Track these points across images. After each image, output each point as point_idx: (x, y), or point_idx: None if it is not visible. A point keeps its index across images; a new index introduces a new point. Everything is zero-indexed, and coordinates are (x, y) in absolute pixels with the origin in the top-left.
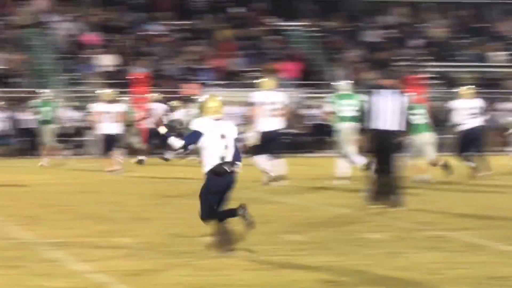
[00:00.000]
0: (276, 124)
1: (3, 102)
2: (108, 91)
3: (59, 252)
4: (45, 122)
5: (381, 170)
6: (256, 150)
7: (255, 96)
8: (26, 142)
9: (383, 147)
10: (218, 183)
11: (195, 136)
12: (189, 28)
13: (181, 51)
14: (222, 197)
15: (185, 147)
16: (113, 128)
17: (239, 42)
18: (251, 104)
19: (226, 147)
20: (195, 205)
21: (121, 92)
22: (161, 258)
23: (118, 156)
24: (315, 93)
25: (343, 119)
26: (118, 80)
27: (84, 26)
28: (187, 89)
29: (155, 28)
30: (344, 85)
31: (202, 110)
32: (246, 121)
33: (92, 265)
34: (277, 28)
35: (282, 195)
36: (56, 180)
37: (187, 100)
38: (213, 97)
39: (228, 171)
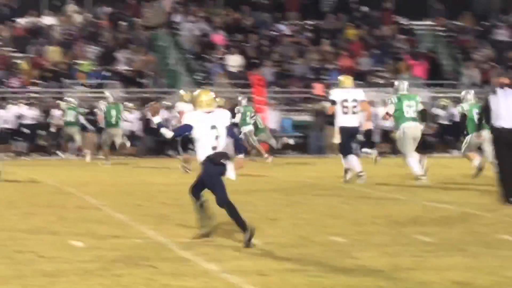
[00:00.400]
0: (355, 121)
1: (131, 104)
2: (184, 92)
3: (187, 252)
4: (111, 125)
5: (507, 169)
6: (340, 148)
7: (335, 94)
8: (156, 141)
9: (508, 146)
10: (215, 170)
11: (184, 128)
12: (316, 28)
13: (307, 51)
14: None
15: (174, 138)
16: None
17: (367, 42)
18: (333, 102)
19: (217, 137)
20: (324, 205)
21: (244, 93)
22: (289, 259)
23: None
24: (443, 92)
25: (405, 119)
26: (243, 80)
27: (210, 26)
28: (313, 89)
29: (282, 28)
30: (404, 86)
31: (194, 103)
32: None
33: (221, 265)
34: (405, 28)
35: (409, 194)
36: (187, 180)
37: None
38: (205, 91)
39: (223, 162)
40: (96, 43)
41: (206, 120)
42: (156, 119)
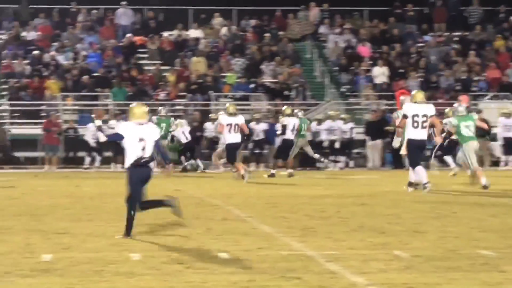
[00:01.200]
0: (424, 135)
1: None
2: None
3: (334, 264)
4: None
5: None
6: (409, 160)
7: (407, 108)
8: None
9: None
10: (137, 175)
11: (115, 136)
12: (463, 39)
13: (454, 63)
14: (142, 187)
15: (106, 142)
16: (236, 138)
17: None
18: (404, 116)
19: (143, 148)
20: (473, 218)
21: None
22: (437, 272)
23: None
24: None
25: (465, 138)
26: (389, 92)
27: (356, 38)
28: (460, 101)
29: (428, 40)
30: (462, 109)
31: (129, 115)
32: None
33: (368, 278)
34: None
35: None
36: (332, 191)
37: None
38: (139, 104)
39: (145, 164)
40: (241, 55)
41: (136, 131)
42: (97, 122)
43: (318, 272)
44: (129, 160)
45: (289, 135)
